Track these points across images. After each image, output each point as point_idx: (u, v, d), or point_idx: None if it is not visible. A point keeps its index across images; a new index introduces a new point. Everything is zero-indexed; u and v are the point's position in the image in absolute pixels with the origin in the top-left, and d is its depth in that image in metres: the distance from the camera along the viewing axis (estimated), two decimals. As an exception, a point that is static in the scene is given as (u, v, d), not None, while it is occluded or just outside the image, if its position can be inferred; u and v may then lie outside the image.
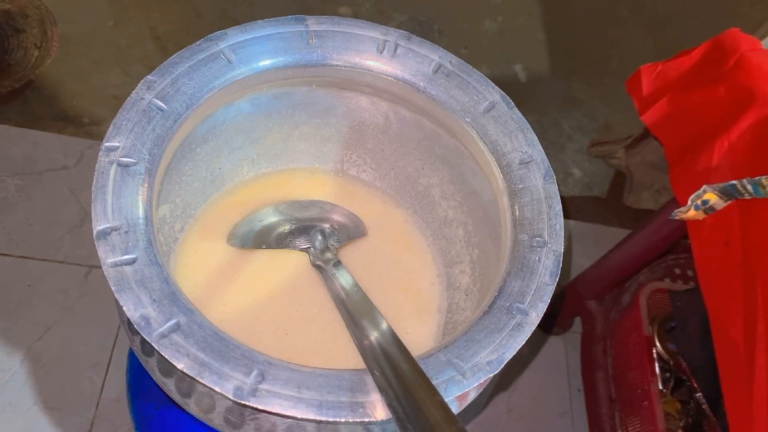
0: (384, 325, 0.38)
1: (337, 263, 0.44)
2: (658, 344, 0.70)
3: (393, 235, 0.51)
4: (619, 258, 0.76)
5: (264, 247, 0.46)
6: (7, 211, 0.84)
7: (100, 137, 0.93)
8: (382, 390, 0.32)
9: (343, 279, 0.43)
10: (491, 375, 0.33)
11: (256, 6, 1.13)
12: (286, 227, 0.47)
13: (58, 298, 0.80)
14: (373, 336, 0.37)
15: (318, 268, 0.45)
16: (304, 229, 0.47)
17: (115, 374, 0.77)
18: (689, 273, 0.79)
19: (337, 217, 0.48)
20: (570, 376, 0.88)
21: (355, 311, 0.40)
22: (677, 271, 0.79)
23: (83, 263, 0.82)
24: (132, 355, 0.57)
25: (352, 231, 0.49)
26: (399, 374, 0.33)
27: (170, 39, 1.05)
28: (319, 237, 0.46)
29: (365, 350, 0.36)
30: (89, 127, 0.94)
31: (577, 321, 0.89)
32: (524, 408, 0.85)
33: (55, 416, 0.73)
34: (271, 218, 0.47)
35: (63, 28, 1.01)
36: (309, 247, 0.46)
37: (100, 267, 0.85)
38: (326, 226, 0.47)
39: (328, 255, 0.45)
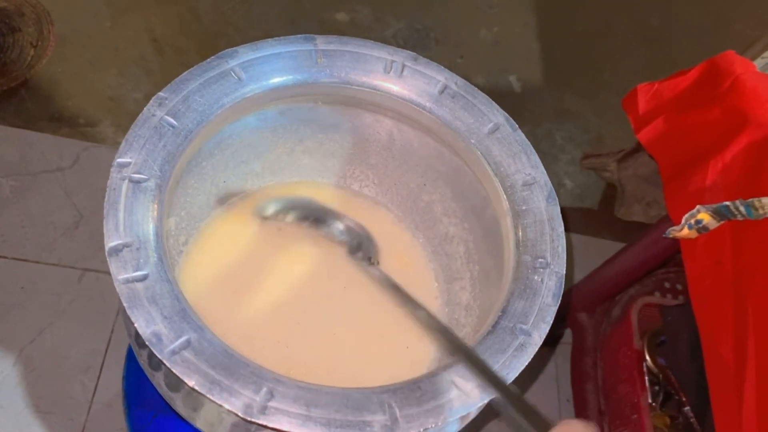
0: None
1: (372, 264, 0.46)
2: (648, 358, 0.72)
3: (394, 251, 0.51)
4: (611, 272, 0.77)
5: (306, 225, 0.47)
6: (0, 212, 0.83)
7: (95, 139, 0.93)
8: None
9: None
10: (496, 395, 0.34)
11: (254, 10, 1.13)
12: (326, 218, 0.48)
13: (51, 300, 0.79)
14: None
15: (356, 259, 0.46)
16: (343, 228, 0.48)
17: (107, 379, 0.76)
18: (679, 287, 0.80)
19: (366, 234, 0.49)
20: (559, 386, 0.89)
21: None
22: (667, 284, 0.80)
23: (77, 266, 0.82)
24: (129, 363, 0.57)
25: (371, 251, 0.49)
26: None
27: (167, 41, 1.05)
28: (357, 241, 0.47)
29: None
30: (84, 128, 0.94)
31: (567, 332, 0.90)
32: (514, 417, 0.86)
33: (47, 420, 0.73)
34: (313, 205, 0.49)
35: (59, 28, 1.01)
36: (347, 242, 0.47)
37: (93, 270, 0.85)
38: (364, 234, 0.48)
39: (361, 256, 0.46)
